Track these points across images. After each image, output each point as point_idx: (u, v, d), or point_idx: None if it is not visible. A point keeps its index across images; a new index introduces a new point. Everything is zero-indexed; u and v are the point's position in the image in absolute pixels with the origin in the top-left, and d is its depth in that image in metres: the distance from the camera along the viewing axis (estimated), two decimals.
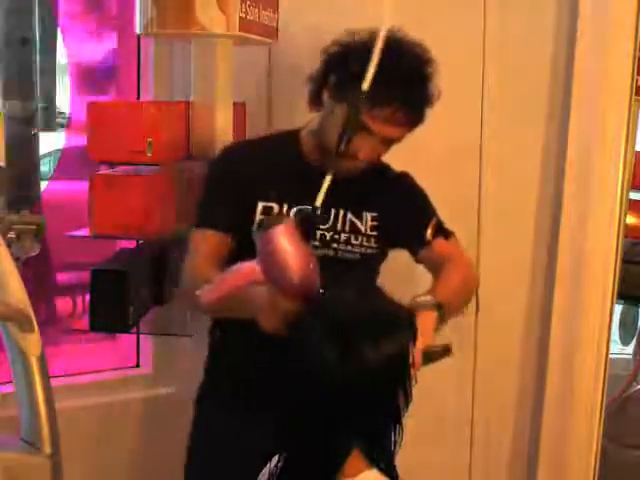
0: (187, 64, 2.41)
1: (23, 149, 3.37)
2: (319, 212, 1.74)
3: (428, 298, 1.75)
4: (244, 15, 2.26)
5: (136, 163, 2.35)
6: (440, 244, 2.00)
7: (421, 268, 2.06)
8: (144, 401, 2.66)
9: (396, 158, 2.61)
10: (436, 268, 1.97)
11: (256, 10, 2.32)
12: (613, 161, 2.46)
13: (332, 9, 2.51)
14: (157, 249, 2.36)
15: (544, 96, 2.59)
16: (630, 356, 3.43)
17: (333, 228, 1.95)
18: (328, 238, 1.94)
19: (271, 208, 1.90)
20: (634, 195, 2.78)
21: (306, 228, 1.63)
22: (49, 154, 4.08)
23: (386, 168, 2.04)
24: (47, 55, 3.49)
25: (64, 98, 3.94)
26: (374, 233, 1.98)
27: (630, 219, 2.74)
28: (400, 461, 1.42)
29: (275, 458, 1.42)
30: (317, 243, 1.92)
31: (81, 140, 2.49)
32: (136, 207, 2.29)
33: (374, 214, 1.97)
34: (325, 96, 1.88)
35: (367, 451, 1.36)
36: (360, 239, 1.97)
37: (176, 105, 2.40)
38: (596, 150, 2.48)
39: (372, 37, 1.77)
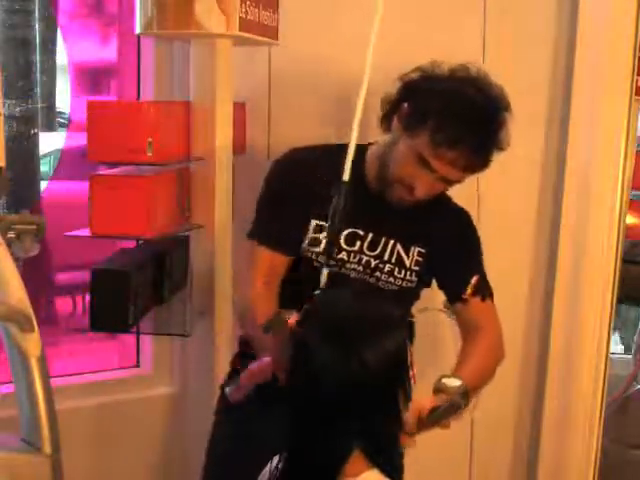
0: (187, 64, 2.41)
1: (23, 149, 3.37)
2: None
3: (458, 384, 1.75)
4: (244, 15, 2.26)
5: (136, 163, 2.35)
6: (476, 304, 1.98)
7: None
8: (144, 401, 2.66)
9: None
10: (466, 327, 1.97)
11: (256, 10, 2.32)
12: (613, 161, 2.46)
13: (332, 9, 2.51)
14: (157, 249, 2.36)
15: (544, 96, 2.59)
16: (630, 356, 3.43)
17: (380, 257, 1.93)
18: (373, 265, 1.93)
19: (323, 228, 1.88)
20: (634, 195, 2.78)
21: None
22: (49, 154, 4.08)
23: (447, 201, 2.00)
24: (47, 55, 3.49)
25: (64, 98, 3.94)
26: (417, 268, 1.96)
27: (630, 219, 2.74)
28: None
29: (275, 458, 1.42)
30: (360, 268, 1.91)
31: (81, 140, 2.49)
32: (136, 207, 2.29)
33: (422, 250, 1.95)
34: (395, 123, 1.85)
35: (368, 451, 1.36)
36: (403, 273, 1.95)
37: (176, 105, 2.40)
38: (596, 150, 2.48)
39: (456, 73, 1.78)
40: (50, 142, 3.96)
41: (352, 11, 2.50)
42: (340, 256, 1.90)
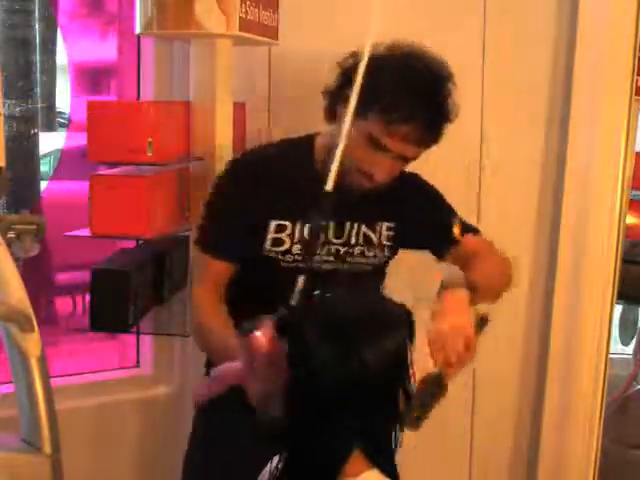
0: (187, 64, 2.41)
1: (23, 149, 3.37)
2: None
3: (462, 275, 1.74)
4: (244, 15, 2.26)
5: (136, 163, 2.35)
6: (470, 240, 2.00)
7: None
8: (144, 401, 2.66)
9: None
10: (467, 261, 1.96)
11: (256, 10, 2.32)
12: (613, 161, 2.46)
13: (332, 9, 2.51)
14: (157, 249, 2.36)
15: (544, 96, 2.59)
16: (630, 356, 3.43)
17: (347, 242, 1.93)
18: (342, 252, 1.93)
19: (284, 227, 1.88)
20: (634, 195, 2.78)
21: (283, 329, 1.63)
22: (49, 154, 4.08)
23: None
24: (47, 55, 3.49)
25: (64, 98, 3.95)
26: (389, 243, 1.96)
27: (630, 219, 2.74)
28: (400, 461, 1.42)
29: (275, 458, 1.42)
30: (331, 258, 1.91)
31: (81, 140, 2.49)
32: (136, 207, 2.29)
33: (390, 224, 1.95)
34: (341, 111, 1.80)
35: (368, 451, 1.36)
36: (374, 251, 1.95)
37: (176, 105, 2.40)
38: (596, 150, 2.48)
39: (391, 52, 1.75)
40: (50, 142, 3.96)
41: (352, 11, 2.50)
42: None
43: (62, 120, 4.02)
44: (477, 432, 2.71)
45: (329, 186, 1.64)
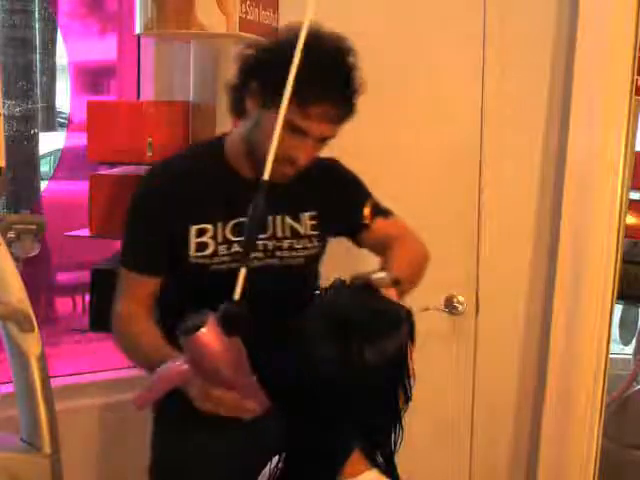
0: (187, 64, 2.41)
1: (23, 149, 3.37)
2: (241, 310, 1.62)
3: (384, 274, 1.69)
4: (244, 15, 2.26)
5: (136, 163, 2.35)
6: (380, 223, 1.98)
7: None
8: None
9: (396, 158, 2.61)
10: (383, 248, 1.95)
11: (256, 10, 2.32)
12: (613, 161, 2.46)
13: (332, 9, 2.51)
14: None
15: (544, 96, 2.59)
16: (630, 356, 3.43)
17: (274, 236, 1.90)
18: (271, 247, 1.89)
19: (205, 230, 1.84)
20: (634, 195, 2.78)
21: (228, 324, 1.55)
22: (49, 154, 4.08)
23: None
24: (47, 55, 3.49)
25: (64, 98, 3.95)
26: (314, 232, 1.94)
27: (630, 219, 2.73)
28: (400, 461, 1.42)
29: (275, 458, 1.42)
30: (260, 254, 1.87)
31: (81, 140, 2.49)
32: None
33: (312, 213, 1.93)
34: (249, 105, 1.80)
35: (368, 451, 1.36)
36: (302, 242, 1.93)
37: (176, 105, 2.40)
38: (596, 150, 2.48)
39: (288, 36, 1.71)
40: (50, 142, 3.96)
41: (352, 11, 2.50)
42: (234, 250, 1.85)
43: (62, 120, 4.02)
44: (477, 432, 2.71)
45: (266, 176, 1.60)
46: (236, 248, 1.84)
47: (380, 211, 2.00)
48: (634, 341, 3.43)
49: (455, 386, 2.70)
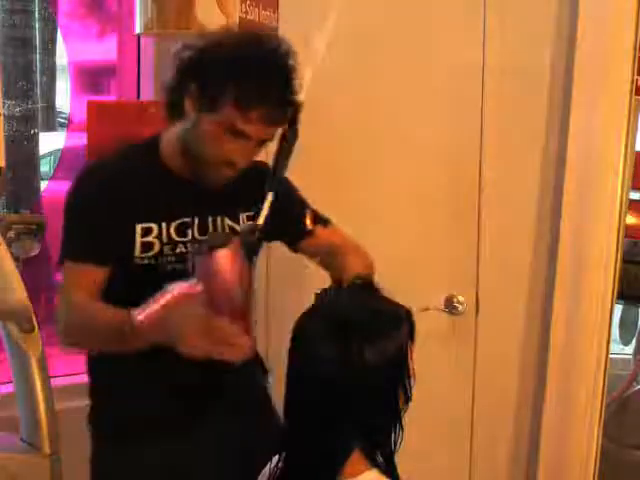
0: None
1: (23, 149, 3.37)
2: (259, 231, 1.67)
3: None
4: (244, 15, 2.26)
5: None
6: (321, 231, 1.99)
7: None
8: None
9: (396, 158, 2.62)
10: (328, 255, 1.96)
11: (256, 10, 2.32)
12: (613, 161, 2.46)
13: (332, 9, 2.51)
14: None
15: (544, 96, 2.59)
16: (630, 356, 3.43)
17: None
18: None
19: (150, 229, 1.81)
20: (634, 195, 2.78)
21: (248, 249, 1.58)
22: (49, 154, 4.07)
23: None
24: (47, 55, 3.49)
25: (64, 98, 3.94)
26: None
27: (630, 219, 2.74)
28: (400, 461, 1.42)
29: (275, 458, 1.42)
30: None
31: (81, 140, 2.49)
32: None
33: (249, 213, 1.89)
34: (187, 106, 1.77)
35: (368, 451, 1.36)
36: None
37: None
38: (596, 150, 2.48)
39: (227, 36, 1.73)
40: (50, 142, 3.95)
41: (352, 11, 2.50)
42: (179, 250, 1.83)
43: (62, 120, 4.02)
44: (477, 432, 2.71)
45: (261, 220, 1.64)
46: (181, 248, 1.83)
47: (320, 219, 2.00)
48: (634, 341, 3.43)
49: (455, 386, 2.70)
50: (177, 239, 1.83)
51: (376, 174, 2.57)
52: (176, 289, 1.56)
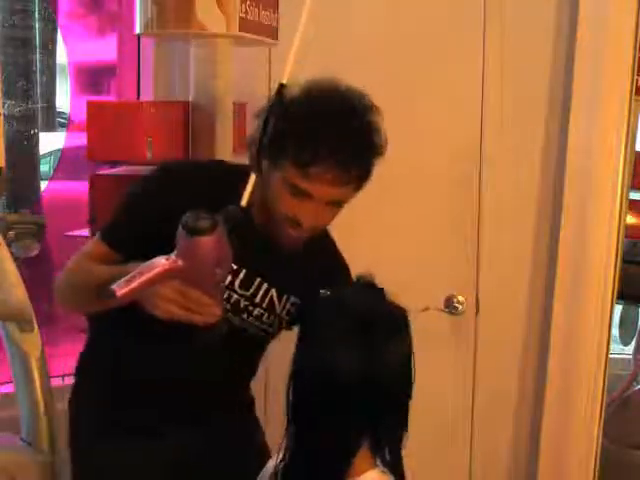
0: (187, 64, 2.41)
1: (23, 149, 3.37)
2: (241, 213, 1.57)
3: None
4: (244, 15, 2.26)
5: (136, 163, 2.35)
6: None
7: None
8: None
9: (396, 159, 2.61)
10: None
11: (256, 10, 2.32)
12: (613, 161, 2.46)
13: (332, 9, 2.51)
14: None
15: (544, 96, 2.59)
16: (630, 356, 3.43)
17: (252, 298, 1.78)
18: (242, 306, 1.77)
19: None
20: (634, 195, 2.78)
21: (229, 227, 1.51)
22: (49, 154, 4.08)
23: (327, 251, 1.87)
24: (47, 55, 3.49)
25: (64, 98, 3.94)
26: (287, 318, 1.82)
27: (630, 219, 2.73)
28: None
29: (280, 454, 1.42)
30: (228, 306, 1.74)
31: (81, 140, 2.49)
32: None
33: (295, 300, 1.81)
34: (264, 163, 1.67)
35: (375, 450, 1.37)
36: (272, 319, 1.81)
37: (176, 105, 2.40)
38: (596, 150, 2.48)
39: (306, 92, 1.65)
40: (50, 142, 3.96)
41: (352, 11, 2.50)
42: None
43: (62, 120, 4.02)
44: (477, 431, 2.70)
45: (244, 201, 1.57)
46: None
47: None
48: (634, 341, 3.43)
49: (455, 386, 2.70)
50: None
51: (376, 174, 2.57)
52: (157, 264, 1.50)
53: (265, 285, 1.78)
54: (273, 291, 1.79)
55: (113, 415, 1.83)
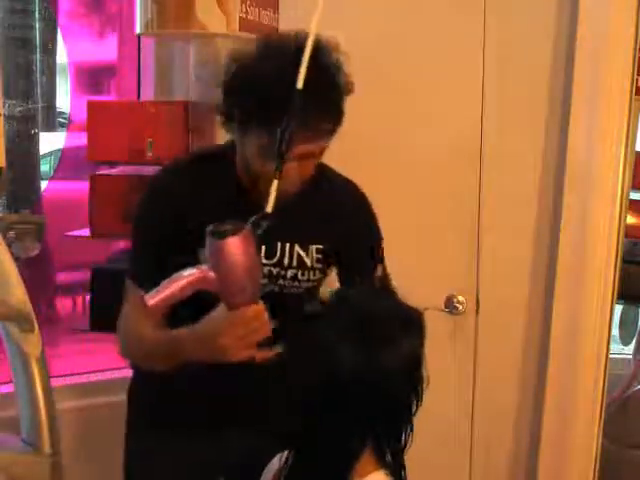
0: (187, 64, 2.41)
1: (23, 149, 3.37)
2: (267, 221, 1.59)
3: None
4: (244, 15, 2.26)
5: (136, 163, 2.35)
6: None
7: None
8: None
9: (396, 158, 2.61)
10: None
11: (256, 10, 2.32)
12: (613, 161, 2.46)
13: (332, 9, 2.51)
14: None
15: (544, 96, 2.59)
16: (630, 356, 3.43)
17: (279, 263, 1.80)
18: (275, 274, 1.80)
19: None
20: (634, 195, 2.78)
21: (257, 236, 1.56)
22: (49, 154, 4.08)
23: (328, 179, 1.86)
24: (47, 55, 3.49)
25: (64, 98, 3.95)
26: (319, 266, 1.84)
27: (630, 219, 2.73)
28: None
29: (284, 455, 1.41)
30: (265, 280, 1.76)
31: (81, 140, 2.49)
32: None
33: (319, 246, 1.83)
34: (235, 123, 1.70)
35: (378, 452, 1.36)
36: (307, 274, 1.84)
37: (176, 105, 2.40)
38: (596, 150, 2.48)
39: (259, 52, 1.66)
40: (50, 142, 3.96)
41: (352, 11, 2.50)
42: None
43: (62, 120, 4.02)
44: (477, 432, 2.70)
45: (269, 208, 1.57)
46: None
47: (380, 260, 1.89)
48: (634, 341, 3.42)
49: (455, 386, 2.70)
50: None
51: (376, 174, 2.57)
52: (187, 273, 1.54)
53: (287, 245, 1.80)
54: (297, 247, 1.81)
55: (167, 413, 1.87)
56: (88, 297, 2.44)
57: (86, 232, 2.38)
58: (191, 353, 1.64)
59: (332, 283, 1.81)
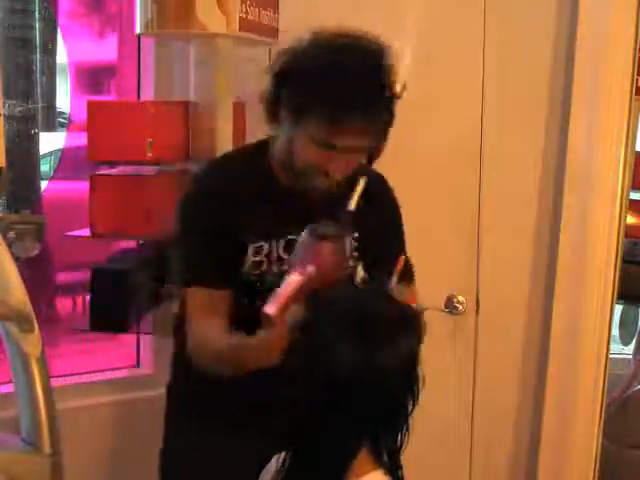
0: (187, 64, 2.41)
1: (23, 149, 3.37)
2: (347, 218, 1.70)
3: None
4: (244, 15, 2.26)
5: (136, 163, 2.35)
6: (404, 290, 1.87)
7: None
8: (144, 401, 2.66)
9: (396, 158, 2.61)
10: None
11: (256, 10, 2.32)
12: (613, 161, 2.46)
13: (332, 9, 2.51)
14: (157, 249, 2.36)
15: (544, 96, 2.59)
16: (630, 356, 3.43)
17: None
18: None
19: (261, 247, 1.80)
20: (634, 195, 2.78)
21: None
22: (49, 154, 4.08)
23: (362, 172, 1.89)
24: (47, 55, 3.49)
25: (64, 98, 3.94)
26: (355, 254, 1.86)
27: (630, 219, 2.73)
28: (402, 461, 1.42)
29: (281, 456, 1.41)
30: None
31: (81, 140, 2.49)
32: (136, 207, 2.29)
33: (355, 235, 1.84)
34: (283, 114, 1.74)
35: (375, 451, 1.36)
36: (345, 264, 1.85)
37: (176, 105, 2.40)
38: (596, 150, 2.48)
39: (315, 44, 1.69)
40: (50, 142, 3.96)
41: (351, 11, 2.50)
42: (285, 267, 1.78)
43: (62, 120, 4.02)
44: (477, 432, 2.71)
45: (352, 206, 1.65)
46: (286, 266, 1.78)
47: (408, 272, 1.89)
48: (634, 341, 3.42)
49: (455, 386, 2.70)
50: (284, 257, 1.81)
51: None
52: (293, 279, 1.61)
53: None
54: None
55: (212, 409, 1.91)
56: (88, 297, 2.43)
57: (86, 232, 2.38)
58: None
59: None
